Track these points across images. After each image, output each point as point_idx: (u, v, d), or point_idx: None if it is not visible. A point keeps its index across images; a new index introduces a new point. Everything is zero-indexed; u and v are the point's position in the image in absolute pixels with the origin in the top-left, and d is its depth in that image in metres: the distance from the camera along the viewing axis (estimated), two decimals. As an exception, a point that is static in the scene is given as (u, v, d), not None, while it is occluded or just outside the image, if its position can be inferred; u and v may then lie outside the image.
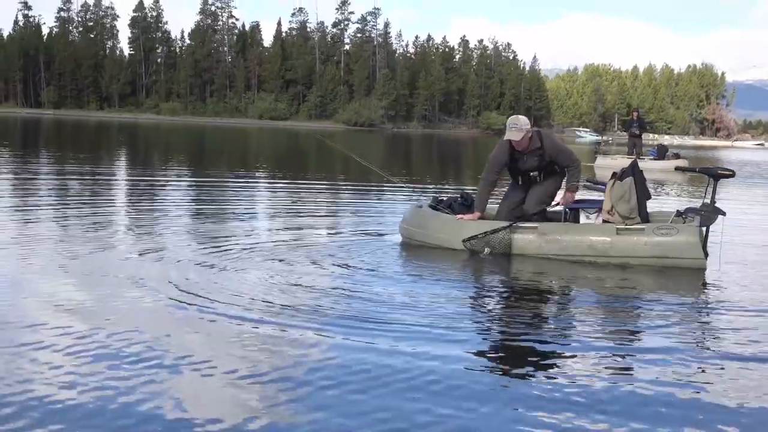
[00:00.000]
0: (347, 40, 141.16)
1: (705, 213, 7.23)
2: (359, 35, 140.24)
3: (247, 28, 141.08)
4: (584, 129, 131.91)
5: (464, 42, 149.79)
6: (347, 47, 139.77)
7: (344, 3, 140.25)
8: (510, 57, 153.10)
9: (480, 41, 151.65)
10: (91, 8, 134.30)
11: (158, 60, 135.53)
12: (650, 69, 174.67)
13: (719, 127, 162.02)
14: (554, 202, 7.87)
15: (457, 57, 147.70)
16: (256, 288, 5.63)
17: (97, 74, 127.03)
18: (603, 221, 7.41)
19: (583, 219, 7.91)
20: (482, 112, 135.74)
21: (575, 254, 7.13)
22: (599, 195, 7.90)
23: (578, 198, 7.80)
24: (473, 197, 8.05)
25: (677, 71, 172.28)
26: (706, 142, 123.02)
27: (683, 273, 6.84)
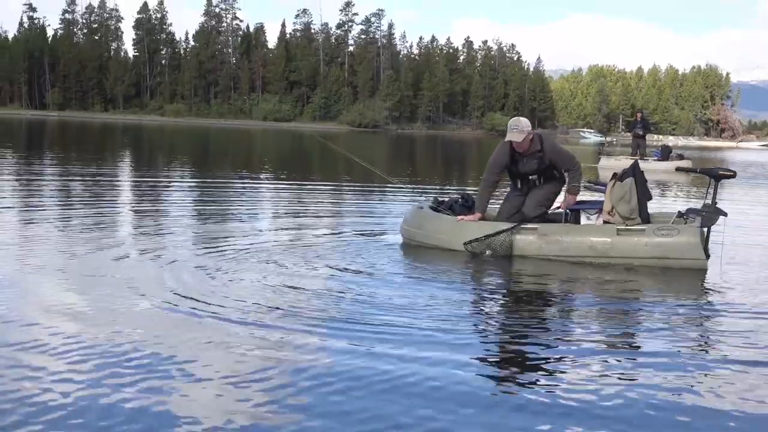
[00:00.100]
0: (351, 42, 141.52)
1: (706, 214, 7.20)
2: (363, 36, 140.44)
3: (252, 30, 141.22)
4: (588, 130, 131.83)
5: (468, 43, 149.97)
6: (351, 48, 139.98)
7: (348, 4, 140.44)
8: (514, 58, 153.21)
9: (484, 42, 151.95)
10: (96, 10, 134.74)
11: (162, 61, 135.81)
12: (655, 70, 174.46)
13: (724, 128, 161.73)
14: (555, 205, 7.86)
15: (461, 58, 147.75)
16: (253, 290, 5.61)
17: (102, 76, 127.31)
18: (604, 222, 7.40)
19: (584, 220, 7.89)
20: (486, 113, 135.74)
21: (576, 255, 7.11)
22: (600, 196, 7.89)
23: (579, 199, 7.78)
24: (474, 198, 8.06)
25: (682, 72, 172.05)
26: (711, 143, 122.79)
27: (684, 274, 6.82)
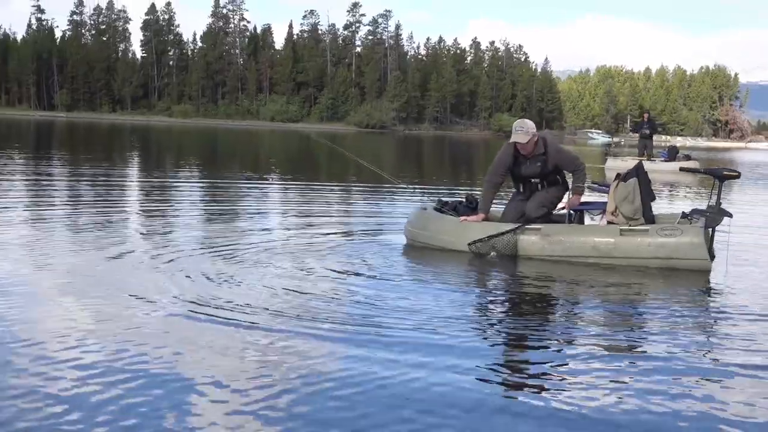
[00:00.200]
0: (358, 43, 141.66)
1: (710, 215, 7.16)
2: (370, 37, 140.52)
3: (259, 31, 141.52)
4: (596, 131, 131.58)
5: (476, 44, 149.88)
6: (358, 49, 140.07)
7: (355, 5, 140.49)
8: (522, 59, 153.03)
9: (491, 43, 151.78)
10: (104, 11, 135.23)
11: (170, 62, 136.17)
12: (662, 70, 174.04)
13: (732, 129, 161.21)
14: (560, 206, 7.85)
15: (469, 59, 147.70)
16: (257, 292, 5.58)
17: (110, 77, 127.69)
18: (607, 222, 7.38)
19: (588, 220, 7.87)
20: (494, 114, 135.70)
21: (579, 255, 7.09)
22: (604, 197, 7.88)
23: (583, 200, 7.77)
24: (478, 199, 8.06)
25: (690, 72, 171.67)
26: (720, 144, 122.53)
27: (689, 276, 6.77)
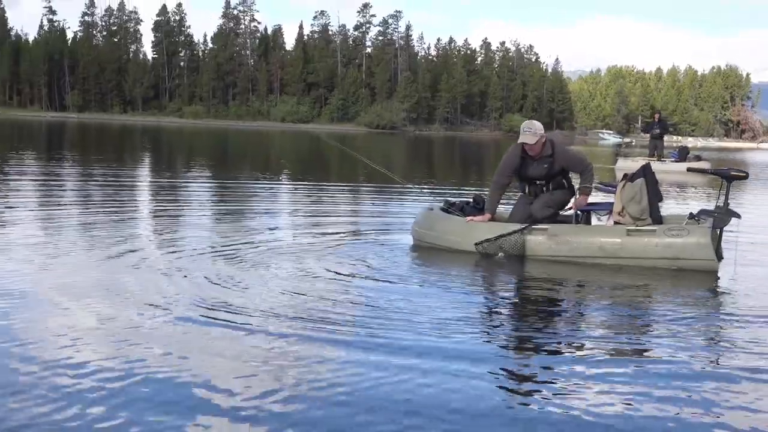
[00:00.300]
0: (369, 43, 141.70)
1: (718, 215, 7.14)
2: (381, 38, 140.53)
3: (269, 32, 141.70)
4: (607, 131, 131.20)
5: (486, 44, 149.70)
6: (369, 50, 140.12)
7: (366, 6, 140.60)
8: (532, 59, 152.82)
9: (502, 43, 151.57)
10: (115, 12, 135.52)
11: (181, 63, 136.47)
12: (674, 70, 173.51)
13: (744, 129, 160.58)
14: (568, 206, 7.84)
15: (479, 59, 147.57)
16: (262, 294, 5.54)
17: (121, 78, 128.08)
18: (614, 223, 7.38)
19: (595, 221, 7.86)
20: (504, 115, 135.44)
21: (586, 256, 7.09)
22: (611, 197, 7.86)
23: (590, 201, 7.76)
24: (485, 200, 8.05)
25: (701, 72, 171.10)
26: (731, 144, 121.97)
27: (697, 277, 6.74)
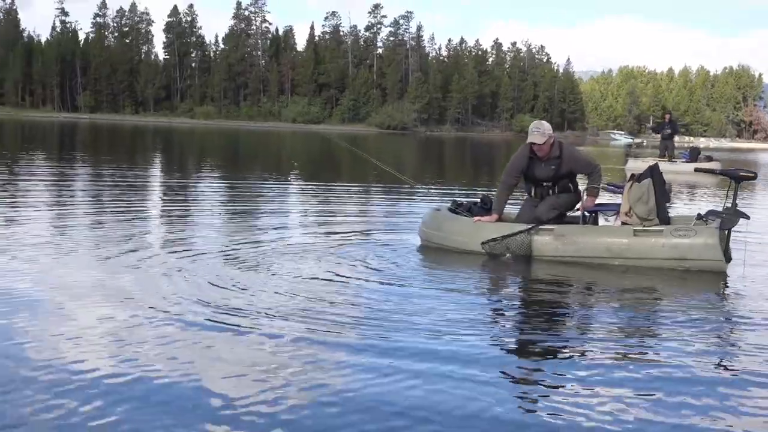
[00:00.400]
0: (380, 44, 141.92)
1: (726, 216, 7.12)
2: (392, 39, 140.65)
3: (281, 33, 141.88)
4: (619, 131, 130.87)
5: (497, 45, 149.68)
6: (380, 51, 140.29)
7: (377, 7, 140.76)
8: (543, 59, 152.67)
9: (513, 44, 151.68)
10: (127, 14, 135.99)
11: (192, 64, 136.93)
12: (686, 71, 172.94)
13: (757, 129, 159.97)
14: (576, 207, 7.83)
15: (490, 60, 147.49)
16: (264, 296, 5.53)
17: (133, 79, 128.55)
18: (622, 223, 7.36)
19: (602, 221, 7.85)
20: (515, 115, 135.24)
21: (592, 256, 7.08)
22: (618, 198, 7.85)
23: (597, 201, 7.76)
24: (493, 200, 8.05)
25: (713, 73, 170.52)
26: (743, 145, 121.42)
27: (704, 278, 6.71)
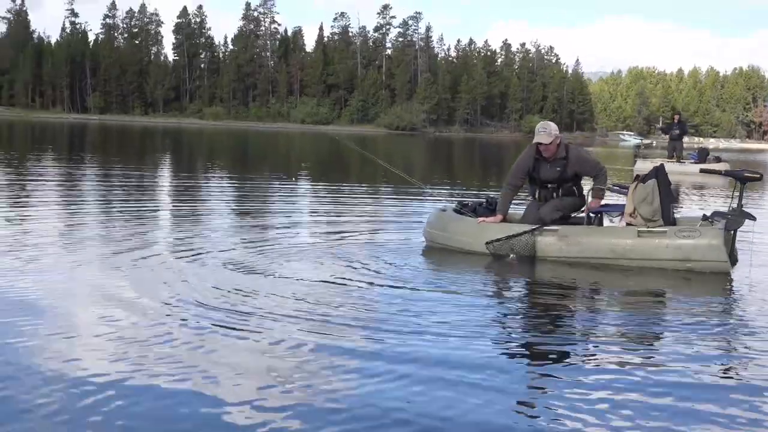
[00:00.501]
0: (389, 45, 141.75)
1: (731, 217, 7.09)
2: (401, 39, 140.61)
3: (290, 33, 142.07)
4: (628, 132, 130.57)
5: (506, 45, 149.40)
6: (389, 51, 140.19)
7: (386, 7, 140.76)
8: (552, 60, 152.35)
9: (522, 45, 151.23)
10: (136, 15, 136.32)
11: (202, 65, 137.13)
12: (695, 71, 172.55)
13: (767, 130, 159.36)
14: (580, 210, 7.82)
15: (499, 60, 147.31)
16: (267, 296, 5.54)
17: (142, 80, 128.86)
18: (626, 224, 7.35)
19: (607, 222, 7.84)
20: (524, 116, 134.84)
21: (597, 257, 7.07)
22: (623, 199, 7.84)
23: (602, 202, 7.75)
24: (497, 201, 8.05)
25: (723, 74, 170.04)
26: (753, 146, 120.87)
27: (710, 280, 6.68)
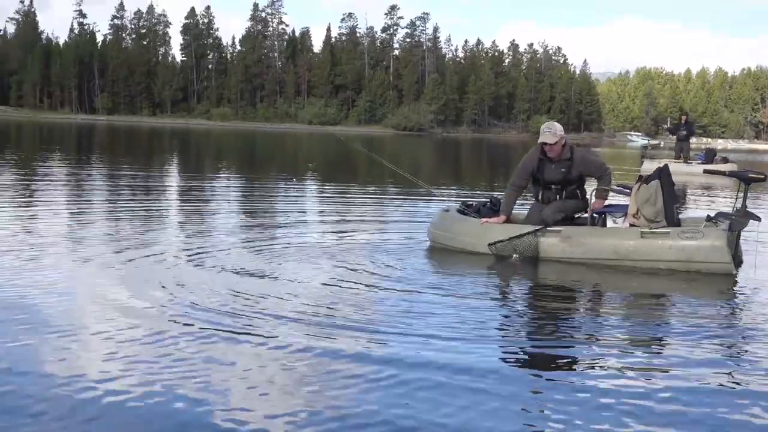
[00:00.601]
0: (396, 45, 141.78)
1: (735, 218, 7.08)
2: (408, 40, 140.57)
3: (297, 34, 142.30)
4: (636, 133, 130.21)
5: (514, 46, 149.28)
6: (396, 52, 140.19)
7: (393, 8, 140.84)
8: (560, 61, 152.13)
9: (530, 45, 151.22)
10: (144, 16, 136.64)
11: (209, 66, 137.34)
12: (703, 72, 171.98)
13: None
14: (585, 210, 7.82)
15: (507, 61, 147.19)
16: (273, 296, 5.55)
17: (150, 81, 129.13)
18: (629, 225, 7.34)
19: (610, 223, 7.83)
20: (532, 116, 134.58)
21: (599, 258, 7.07)
22: (627, 199, 7.84)
23: (606, 203, 7.75)
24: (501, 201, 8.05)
25: (731, 74, 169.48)
26: (761, 146, 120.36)
27: (714, 281, 6.65)
